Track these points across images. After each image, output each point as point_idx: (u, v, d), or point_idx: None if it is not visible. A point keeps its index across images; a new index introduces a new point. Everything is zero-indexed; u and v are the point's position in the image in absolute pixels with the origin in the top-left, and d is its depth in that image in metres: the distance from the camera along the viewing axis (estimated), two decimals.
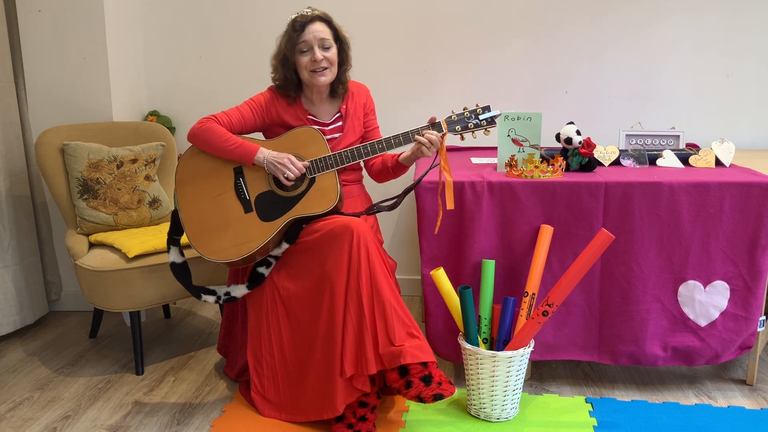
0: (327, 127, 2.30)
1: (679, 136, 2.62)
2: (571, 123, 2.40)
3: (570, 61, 3.12)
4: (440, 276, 2.17)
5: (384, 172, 2.35)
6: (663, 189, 2.20)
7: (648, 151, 2.53)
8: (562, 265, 2.25)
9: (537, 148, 2.34)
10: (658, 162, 2.49)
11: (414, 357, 1.93)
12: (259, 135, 2.33)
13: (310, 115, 2.30)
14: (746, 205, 2.20)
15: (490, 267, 2.18)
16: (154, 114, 3.24)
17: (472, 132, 2.18)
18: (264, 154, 2.14)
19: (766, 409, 2.21)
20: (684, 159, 2.49)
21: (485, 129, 2.18)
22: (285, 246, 2.16)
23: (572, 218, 2.23)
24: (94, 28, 2.89)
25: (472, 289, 2.15)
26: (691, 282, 2.26)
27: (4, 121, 2.79)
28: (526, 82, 3.15)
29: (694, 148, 2.59)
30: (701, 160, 2.48)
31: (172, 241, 2.26)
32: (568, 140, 2.37)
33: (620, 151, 2.53)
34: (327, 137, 2.23)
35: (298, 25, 2.17)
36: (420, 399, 1.92)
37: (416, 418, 2.15)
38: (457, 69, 3.16)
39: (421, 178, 2.24)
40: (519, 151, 2.35)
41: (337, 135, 2.30)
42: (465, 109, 2.19)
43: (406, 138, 2.15)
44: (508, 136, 2.34)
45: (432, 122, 2.17)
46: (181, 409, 2.24)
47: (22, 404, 2.29)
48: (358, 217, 2.17)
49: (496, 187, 2.23)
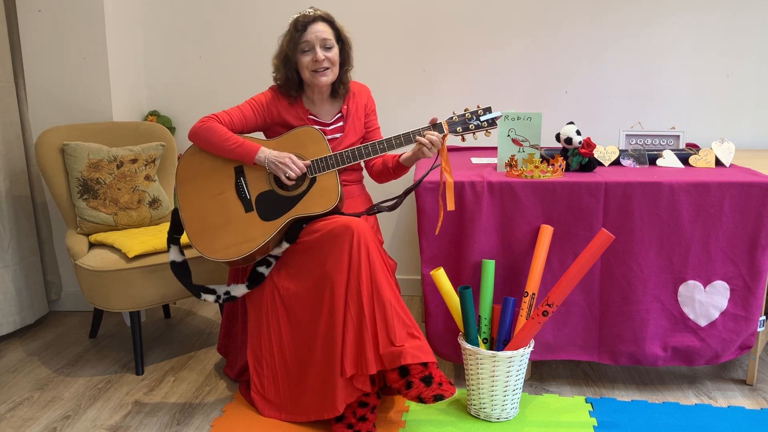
0: (328, 127, 2.30)
1: (679, 136, 2.62)
2: (571, 123, 2.40)
3: (570, 61, 3.12)
4: (440, 276, 2.17)
5: (385, 173, 2.35)
6: (663, 189, 2.20)
7: (648, 151, 2.53)
8: (562, 265, 2.25)
9: (537, 148, 2.34)
10: (658, 162, 2.49)
11: (414, 357, 1.93)
12: (260, 135, 2.33)
13: (311, 114, 2.30)
14: (746, 205, 2.20)
15: (490, 267, 2.18)
16: (154, 114, 3.24)
17: (473, 133, 2.18)
18: (265, 154, 2.14)
19: (766, 409, 2.21)
20: (684, 159, 2.50)
21: (486, 130, 2.18)
22: (285, 246, 2.16)
23: (572, 218, 2.23)
24: (94, 28, 2.89)
25: (472, 289, 2.15)
26: (691, 282, 2.26)
27: (4, 121, 2.79)
28: (526, 82, 3.15)
29: (694, 148, 2.60)
30: (701, 160, 2.48)
31: (173, 240, 2.26)
32: (568, 140, 2.38)
33: (620, 151, 2.53)
34: (328, 137, 2.23)
35: (300, 25, 2.17)
36: (420, 399, 1.92)
37: (416, 418, 2.15)
38: (457, 69, 3.16)
39: (422, 179, 2.24)
40: (519, 151, 2.35)
41: (338, 135, 2.30)
42: (466, 110, 2.19)
43: (407, 138, 2.15)
44: (508, 136, 2.34)
45: (433, 123, 2.17)
46: (181, 409, 2.24)
47: (22, 404, 2.29)
48: (358, 217, 2.17)
49: (496, 187, 2.23)
